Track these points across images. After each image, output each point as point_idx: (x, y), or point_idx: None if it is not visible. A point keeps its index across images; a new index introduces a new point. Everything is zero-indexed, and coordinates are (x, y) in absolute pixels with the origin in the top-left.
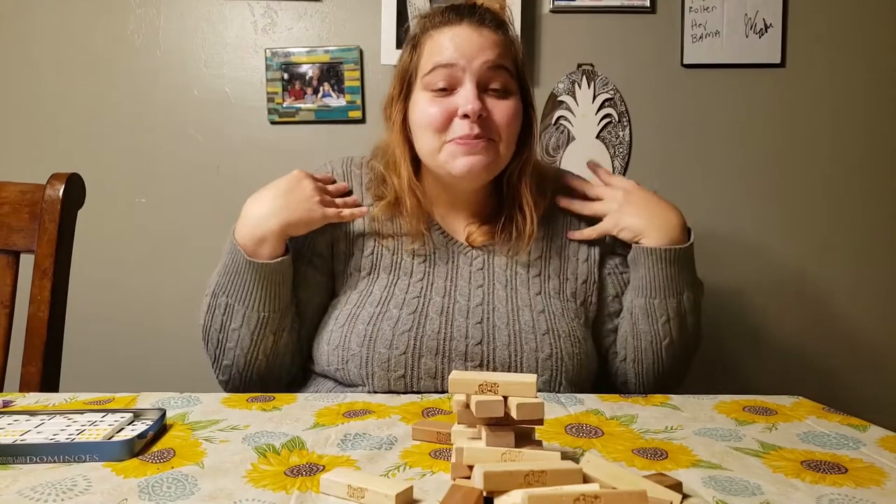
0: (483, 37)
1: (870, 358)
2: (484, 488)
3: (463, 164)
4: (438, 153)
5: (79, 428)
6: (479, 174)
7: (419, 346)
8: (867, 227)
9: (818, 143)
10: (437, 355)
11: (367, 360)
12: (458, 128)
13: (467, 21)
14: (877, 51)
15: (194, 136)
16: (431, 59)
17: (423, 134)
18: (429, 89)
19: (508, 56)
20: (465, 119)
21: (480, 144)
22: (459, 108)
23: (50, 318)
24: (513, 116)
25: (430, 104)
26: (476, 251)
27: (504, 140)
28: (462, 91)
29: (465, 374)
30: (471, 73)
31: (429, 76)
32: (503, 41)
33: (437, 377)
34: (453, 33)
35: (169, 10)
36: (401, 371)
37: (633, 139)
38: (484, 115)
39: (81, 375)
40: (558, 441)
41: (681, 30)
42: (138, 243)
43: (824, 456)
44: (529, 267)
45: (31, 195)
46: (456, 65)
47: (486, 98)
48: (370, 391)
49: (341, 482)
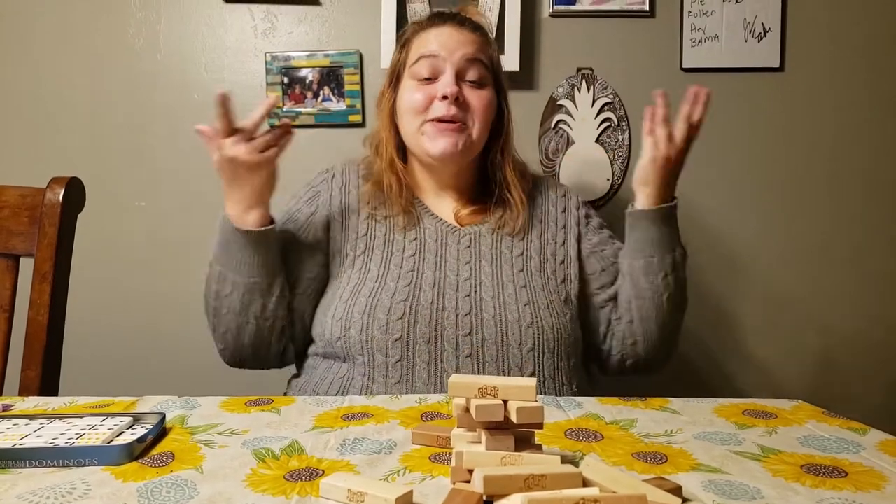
0: (463, 35)
1: (870, 361)
2: (484, 492)
3: (439, 146)
4: (420, 133)
5: (78, 432)
6: (454, 155)
7: (414, 313)
8: (867, 230)
9: (817, 147)
10: (431, 322)
11: (367, 325)
12: (437, 109)
13: (450, 23)
14: (876, 55)
15: (194, 140)
16: (418, 52)
17: (407, 115)
18: (414, 78)
19: (484, 52)
20: (444, 101)
21: (455, 127)
22: (439, 90)
23: (49, 322)
24: (486, 104)
25: (415, 90)
26: (464, 231)
27: (477, 125)
28: (443, 78)
29: (464, 377)
30: (451, 63)
31: (415, 66)
32: (481, 40)
33: (431, 342)
34: (438, 32)
35: (169, 14)
36: (397, 334)
37: (632, 143)
38: (461, 98)
39: (81, 379)
40: (558, 445)
41: (680, 34)
42: (138, 247)
43: (824, 460)
44: (513, 247)
45: (30, 199)
46: (438, 56)
47: (463, 87)
48: (367, 361)
49: (341, 486)
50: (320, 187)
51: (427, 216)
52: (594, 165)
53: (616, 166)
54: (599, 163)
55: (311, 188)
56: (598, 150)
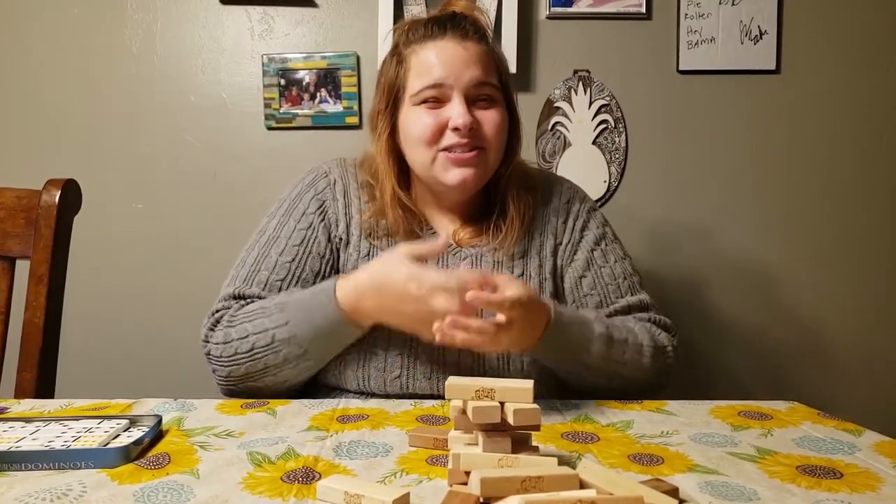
0: (468, 51)
1: (865, 362)
2: (481, 494)
3: (456, 176)
4: (432, 164)
5: (74, 435)
6: (472, 185)
7: (415, 348)
8: (863, 232)
9: (813, 149)
10: (432, 355)
11: (363, 362)
12: (450, 138)
13: (450, 34)
14: (872, 57)
15: (191, 142)
16: (420, 80)
17: (417, 146)
18: (418, 103)
19: (493, 69)
20: (457, 131)
21: (472, 157)
22: (451, 121)
23: (45, 325)
24: (500, 125)
25: (423, 117)
26: (464, 251)
27: (493, 148)
28: (452, 105)
29: (461, 379)
30: (459, 89)
31: (417, 96)
32: (487, 53)
33: (433, 378)
34: (438, 49)
35: (166, 16)
36: (396, 372)
37: (628, 145)
38: (474, 126)
39: (77, 382)
40: (555, 446)
41: (676, 36)
42: (135, 249)
43: (820, 461)
44: (514, 267)
45: (27, 201)
46: (444, 84)
47: (473, 109)
48: (362, 393)
49: (338, 489)
50: (324, 195)
51: (429, 234)
52: (591, 167)
53: (613, 168)
54: (596, 165)
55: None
56: (594, 152)
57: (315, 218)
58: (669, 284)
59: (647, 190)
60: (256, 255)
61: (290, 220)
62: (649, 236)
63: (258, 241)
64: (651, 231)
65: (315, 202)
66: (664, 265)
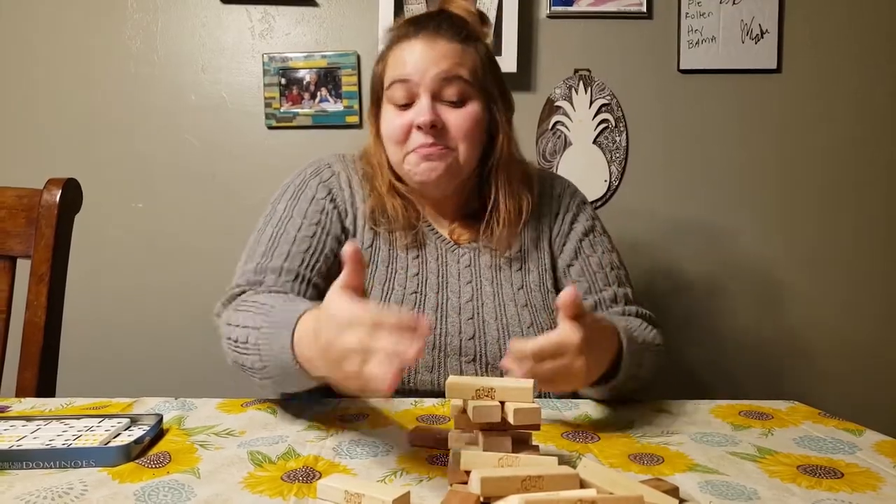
0: (436, 49)
1: (864, 362)
2: (481, 493)
3: (423, 171)
4: (403, 163)
5: (75, 433)
6: (440, 181)
7: None
8: (862, 230)
9: (814, 148)
10: (434, 349)
11: None
12: (416, 139)
13: (423, 34)
14: (872, 56)
15: (191, 141)
16: (391, 75)
17: (389, 146)
18: (392, 103)
19: (464, 64)
20: (420, 130)
21: (437, 152)
22: (414, 119)
23: (46, 324)
24: (470, 123)
25: (394, 117)
26: (462, 249)
27: (462, 146)
28: (417, 104)
29: (461, 379)
30: (424, 86)
31: (389, 91)
32: (457, 49)
33: (434, 371)
34: (410, 48)
35: (166, 16)
36: None
37: (629, 144)
38: (439, 125)
39: (78, 380)
40: (555, 446)
41: (677, 35)
42: (135, 248)
43: (820, 461)
44: (512, 262)
45: (27, 200)
46: (410, 80)
47: (441, 108)
48: None
49: (338, 488)
50: (331, 183)
51: (428, 231)
52: (591, 167)
53: (613, 167)
54: (597, 164)
55: (319, 180)
56: (595, 152)
57: (327, 203)
58: (669, 283)
59: (648, 189)
60: (272, 233)
61: (300, 201)
62: (650, 235)
63: (270, 221)
64: (651, 230)
65: (323, 188)
66: (664, 264)
